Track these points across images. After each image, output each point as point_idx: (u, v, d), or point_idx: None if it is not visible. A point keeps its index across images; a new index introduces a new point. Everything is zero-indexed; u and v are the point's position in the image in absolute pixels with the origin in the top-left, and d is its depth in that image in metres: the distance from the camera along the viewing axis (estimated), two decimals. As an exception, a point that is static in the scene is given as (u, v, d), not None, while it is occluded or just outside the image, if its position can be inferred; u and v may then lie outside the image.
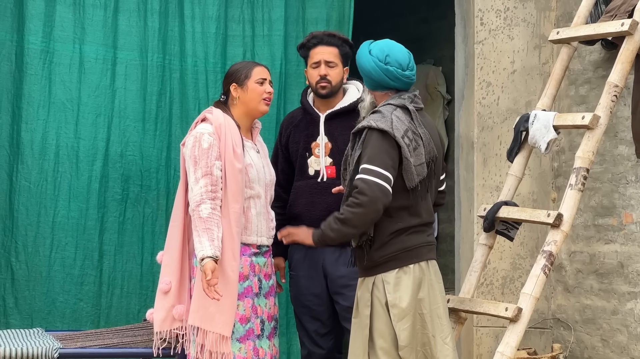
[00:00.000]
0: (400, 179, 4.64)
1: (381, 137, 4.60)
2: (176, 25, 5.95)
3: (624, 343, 5.54)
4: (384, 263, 4.67)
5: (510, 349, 4.83)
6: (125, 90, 5.87)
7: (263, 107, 5.14)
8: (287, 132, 5.56)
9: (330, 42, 5.43)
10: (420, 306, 4.67)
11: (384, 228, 4.66)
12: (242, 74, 5.12)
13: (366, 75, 4.77)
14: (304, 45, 5.48)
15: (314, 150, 5.43)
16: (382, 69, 4.72)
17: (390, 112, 4.68)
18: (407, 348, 4.62)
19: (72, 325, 5.70)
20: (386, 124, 4.61)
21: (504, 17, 6.04)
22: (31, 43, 5.76)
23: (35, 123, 5.75)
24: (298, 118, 5.56)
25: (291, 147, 5.52)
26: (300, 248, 5.42)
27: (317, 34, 5.48)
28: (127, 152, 5.85)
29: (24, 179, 5.73)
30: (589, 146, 5.05)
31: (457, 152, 6.26)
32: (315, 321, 5.47)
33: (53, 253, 5.74)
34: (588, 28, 5.34)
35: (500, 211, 5.21)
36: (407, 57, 4.77)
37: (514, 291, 5.97)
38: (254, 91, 5.11)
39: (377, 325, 4.66)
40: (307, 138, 5.46)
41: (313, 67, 5.43)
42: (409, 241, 4.68)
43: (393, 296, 4.63)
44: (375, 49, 4.76)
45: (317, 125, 5.46)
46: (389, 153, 4.60)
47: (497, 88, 6.03)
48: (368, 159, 4.58)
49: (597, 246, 5.73)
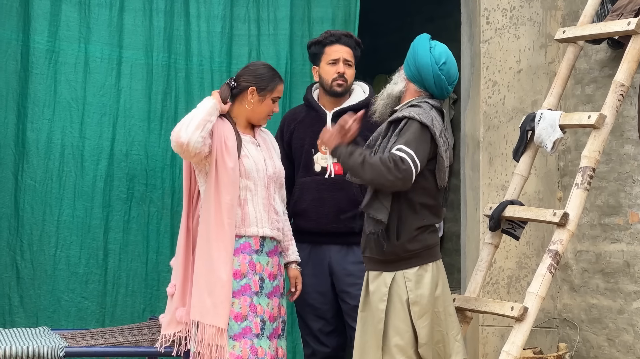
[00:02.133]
0: (431, 177, 4.70)
1: (420, 129, 4.65)
2: (182, 24, 5.95)
3: (630, 343, 5.53)
4: (407, 259, 4.70)
5: (516, 348, 4.82)
6: (130, 90, 5.88)
7: (264, 122, 5.19)
8: (290, 128, 5.55)
9: (348, 42, 5.48)
10: (436, 304, 4.72)
11: (410, 223, 4.70)
12: (268, 86, 5.09)
13: (417, 68, 4.79)
14: (319, 41, 5.48)
15: (321, 147, 5.43)
16: (435, 72, 4.77)
17: (429, 109, 4.74)
18: (426, 345, 4.67)
19: (77, 324, 5.71)
20: (427, 119, 4.67)
21: (510, 16, 6.03)
22: (37, 42, 5.76)
23: (40, 122, 5.76)
24: (302, 114, 5.56)
25: (294, 143, 5.52)
26: (304, 246, 5.41)
27: (334, 32, 5.50)
28: (132, 151, 5.85)
29: (29, 178, 5.74)
30: (595, 145, 5.04)
31: (463, 151, 6.25)
32: (320, 320, 5.46)
33: (58, 252, 5.74)
34: (594, 27, 5.33)
35: (506, 211, 5.21)
36: (456, 74, 4.84)
37: (519, 290, 5.96)
38: (267, 106, 5.12)
39: (393, 322, 4.68)
40: (313, 135, 5.43)
41: (330, 63, 5.43)
42: (430, 240, 4.75)
43: (415, 294, 4.67)
44: (437, 50, 4.80)
45: (323, 122, 5.45)
46: (424, 146, 4.65)
47: (503, 87, 6.02)
48: (405, 142, 4.61)
49: (603, 245, 5.72)
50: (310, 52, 5.54)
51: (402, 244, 4.69)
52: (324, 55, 5.46)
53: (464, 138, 6.23)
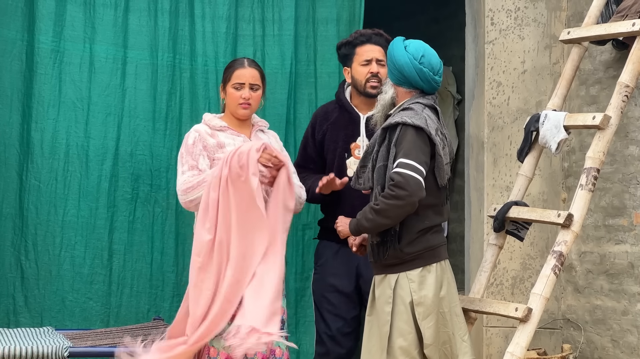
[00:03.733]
0: (430, 177, 4.70)
1: (416, 133, 4.65)
2: (186, 24, 5.95)
3: (634, 344, 5.53)
4: (410, 261, 4.71)
5: (520, 349, 4.82)
6: (135, 90, 5.88)
7: (240, 111, 5.21)
8: (323, 128, 5.48)
9: (379, 41, 5.40)
10: (441, 304, 4.72)
11: (412, 226, 4.70)
12: (225, 76, 5.23)
13: (398, 70, 4.79)
14: (349, 42, 5.41)
15: (354, 151, 5.39)
16: (416, 68, 4.76)
17: (421, 109, 4.73)
18: (431, 346, 4.68)
19: (82, 324, 5.71)
20: (421, 121, 4.66)
21: (514, 17, 6.04)
22: (42, 42, 5.77)
23: (45, 122, 5.76)
24: (334, 115, 5.49)
25: (328, 145, 5.46)
26: (333, 244, 5.40)
27: (364, 32, 5.42)
28: (137, 151, 5.85)
29: (33, 178, 5.74)
30: (600, 146, 5.04)
31: (467, 152, 6.25)
32: (340, 320, 5.43)
33: (63, 252, 5.74)
34: (599, 28, 5.33)
35: (510, 212, 5.21)
36: (439, 63, 4.83)
37: (524, 291, 5.96)
38: (231, 96, 5.20)
39: (397, 324, 4.68)
40: (347, 139, 5.40)
41: (363, 64, 5.36)
42: (433, 240, 4.75)
43: (418, 295, 4.68)
44: (412, 46, 4.80)
45: (357, 125, 5.41)
46: (423, 150, 4.65)
47: (508, 88, 6.02)
48: (404, 153, 4.62)
49: (607, 246, 5.72)
50: (341, 53, 5.47)
51: (404, 246, 4.69)
52: (355, 56, 5.39)
53: (469, 139, 6.23)
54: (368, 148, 4.85)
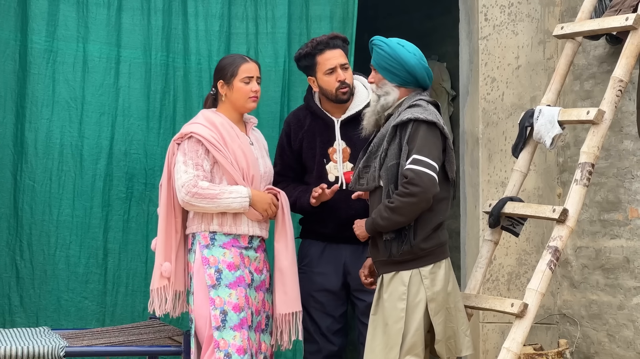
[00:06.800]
0: (441, 171, 4.74)
1: (428, 128, 4.69)
2: (180, 23, 5.94)
3: (630, 338, 5.53)
4: (422, 257, 4.73)
5: (517, 345, 4.83)
6: (129, 89, 5.87)
7: (250, 105, 5.21)
8: (299, 137, 5.44)
9: (336, 44, 5.32)
10: (449, 300, 4.76)
11: (427, 221, 4.72)
12: (229, 72, 5.18)
13: (407, 72, 4.80)
14: (308, 53, 5.31)
15: (332, 156, 5.38)
16: (424, 67, 4.82)
17: (426, 106, 4.78)
18: (441, 341, 4.72)
19: (78, 323, 5.70)
20: (432, 116, 4.71)
21: (508, 13, 6.03)
22: (35, 42, 5.76)
23: (39, 122, 5.75)
24: (307, 122, 5.44)
25: (306, 154, 5.43)
26: (317, 243, 5.40)
27: (321, 40, 5.33)
28: (131, 150, 5.85)
29: (28, 178, 5.73)
30: (594, 141, 5.04)
31: (462, 148, 6.25)
32: (329, 318, 5.42)
33: (58, 252, 5.74)
34: (592, 23, 5.33)
35: (505, 207, 5.21)
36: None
37: (519, 287, 5.96)
38: (240, 91, 5.16)
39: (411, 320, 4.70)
40: (323, 145, 5.37)
41: (328, 73, 5.28)
42: (442, 237, 4.80)
43: (432, 291, 4.71)
44: (411, 47, 4.84)
45: (332, 130, 5.38)
46: (437, 144, 4.70)
47: (502, 83, 6.02)
48: (417, 150, 4.65)
49: (602, 241, 5.72)
50: (301, 65, 5.39)
51: (420, 242, 4.71)
52: (318, 65, 5.30)
53: (463, 135, 6.23)
54: (372, 148, 4.84)
